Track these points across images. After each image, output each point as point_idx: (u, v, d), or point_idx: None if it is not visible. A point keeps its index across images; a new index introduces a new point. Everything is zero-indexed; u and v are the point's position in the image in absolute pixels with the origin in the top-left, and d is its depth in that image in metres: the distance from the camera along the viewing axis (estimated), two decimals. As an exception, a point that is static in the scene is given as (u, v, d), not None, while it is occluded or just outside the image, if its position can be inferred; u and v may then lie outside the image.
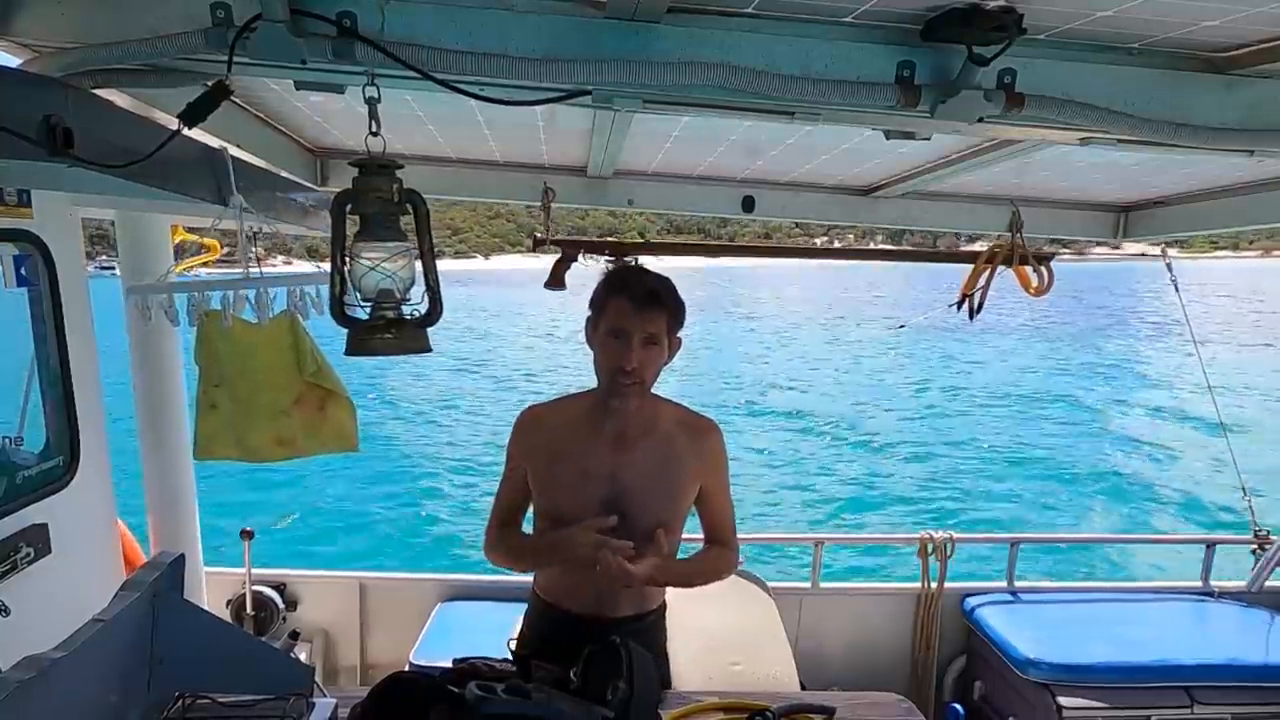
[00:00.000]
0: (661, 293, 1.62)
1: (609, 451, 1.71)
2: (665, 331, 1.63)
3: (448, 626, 3.03)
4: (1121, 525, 9.63)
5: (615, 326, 1.62)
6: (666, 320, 1.63)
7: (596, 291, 1.68)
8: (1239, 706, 2.75)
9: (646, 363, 1.62)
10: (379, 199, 1.36)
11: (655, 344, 1.62)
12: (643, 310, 1.60)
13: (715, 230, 29.22)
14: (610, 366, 1.63)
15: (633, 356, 1.60)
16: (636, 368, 1.60)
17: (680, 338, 1.71)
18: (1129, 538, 8.75)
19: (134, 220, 2.64)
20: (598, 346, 1.67)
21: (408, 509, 10.03)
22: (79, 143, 1.17)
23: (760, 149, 2.27)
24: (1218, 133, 1.37)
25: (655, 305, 1.61)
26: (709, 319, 30.67)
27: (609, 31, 1.22)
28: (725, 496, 1.84)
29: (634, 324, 1.60)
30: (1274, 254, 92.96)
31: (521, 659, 1.55)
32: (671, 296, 1.64)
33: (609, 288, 1.65)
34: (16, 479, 2.02)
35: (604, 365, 1.66)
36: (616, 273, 1.69)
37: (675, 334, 1.68)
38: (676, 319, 1.65)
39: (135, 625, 1.34)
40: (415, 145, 2.48)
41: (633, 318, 1.60)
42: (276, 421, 2.04)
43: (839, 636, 3.36)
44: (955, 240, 3.68)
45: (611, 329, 1.62)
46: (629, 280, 1.64)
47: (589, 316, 1.71)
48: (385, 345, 1.38)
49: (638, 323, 1.60)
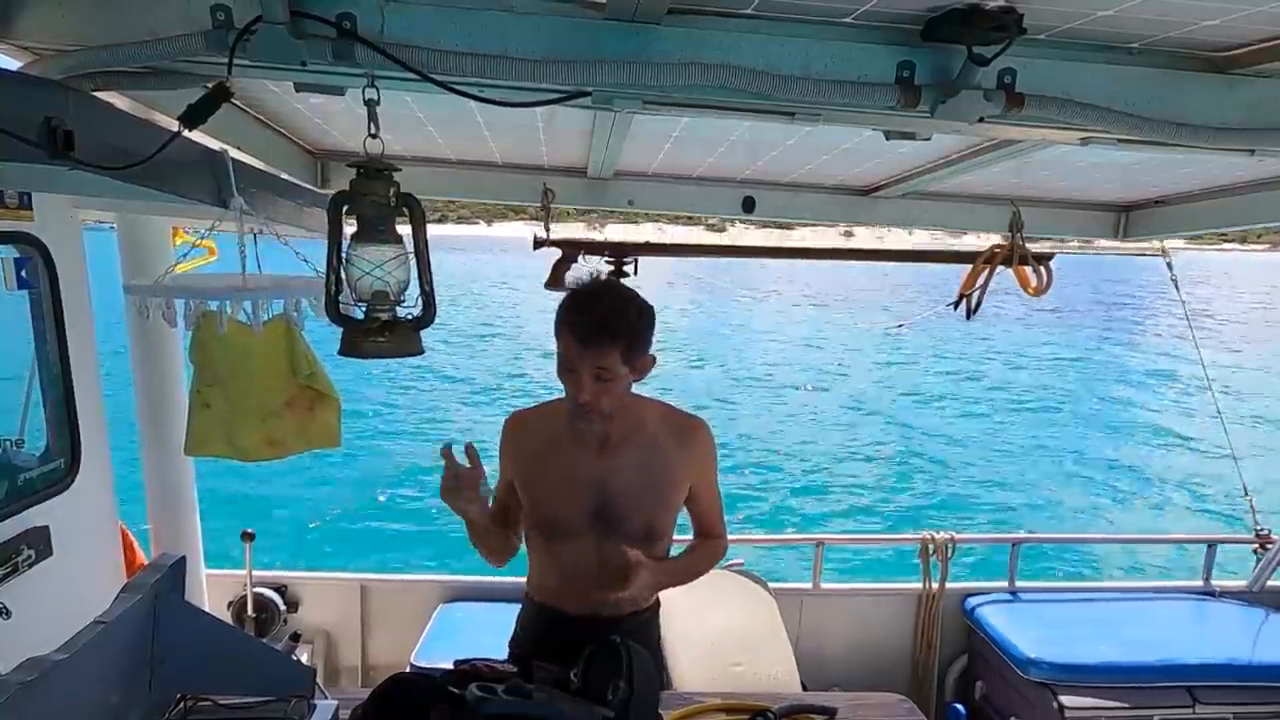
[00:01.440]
0: (611, 324, 1.54)
1: (595, 457, 1.71)
2: (618, 363, 1.55)
3: (449, 628, 3.03)
4: (1121, 525, 9.64)
5: (565, 360, 1.58)
6: (619, 352, 1.54)
7: (556, 315, 1.60)
8: (1240, 706, 2.75)
9: (600, 394, 1.57)
10: (375, 201, 1.37)
11: (605, 378, 1.56)
12: (589, 347, 1.53)
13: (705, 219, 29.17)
14: (569, 395, 1.61)
15: (584, 391, 1.56)
16: (590, 400, 1.57)
17: (653, 356, 1.65)
18: (1129, 538, 8.76)
19: (134, 222, 2.64)
20: (558, 373, 1.63)
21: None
22: (79, 145, 1.17)
23: (760, 149, 2.27)
24: (1218, 132, 1.37)
25: (601, 342, 1.53)
26: (705, 317, 30.69)
27: (609, 32, 1.22)
28: (714, 491, 1.84)
29: (581, 361, 1.55)
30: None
31: (522, 659, 1.55)
32: (624, 329, 1.55)
33: (559, 318, 1.59)
34: (17, 481, 2.02)
35: (566, 392, 1.63)
36: (570, 300, 1.59)
37: (637, 359, 1.60)
38: (632, 347, 1.57)
39: (136, 627, 1.34)
40: (415, 147, 2.48)
41: (580, 354, 1.55)
42: (268, 423, 2.05)
43: (840, 637, 3.36)
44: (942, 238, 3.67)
45: (563, 362, 1.59)
46: (576, 314, 1.56)
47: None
48: (378, 348, 1.39)
49: (585, 359, 1.54)
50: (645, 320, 1.60)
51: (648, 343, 1.62)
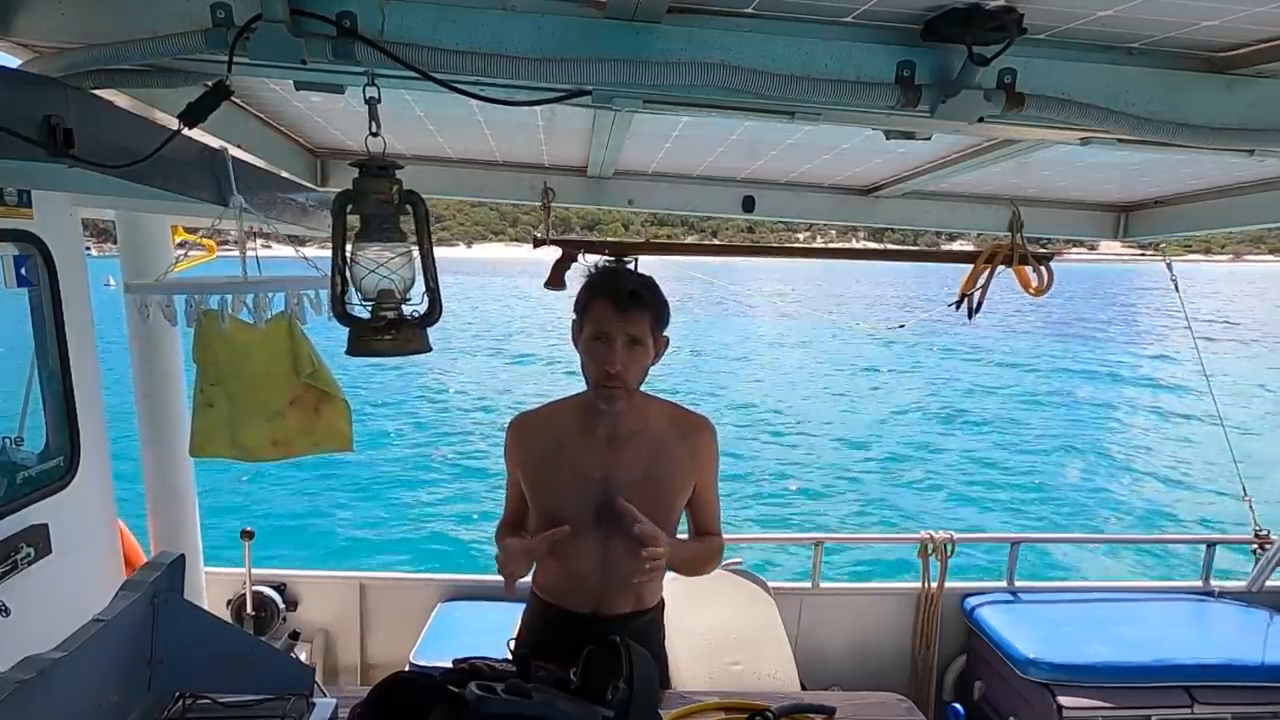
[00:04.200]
0: (642, 293, 1.61)
1: (601, 454, 1.71)
2: (648, 332, 1.63)
3: (448, 626, 3.03)
4: (1122, 525, 9.64)
5: (598, 329, 1.62)
6: (649, 320, 1.62)
7: (580, 294, 1.68)
8: (1239, 706, 2.75)
9: (630, 364, 1.61)
10: (379, 200, 1.37)
11: (638, 345, 1.62)
12: (624, 312, 1.59)
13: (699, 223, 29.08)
14: (595, 369, 1.63)
15: (615, 358, 1.59)
16: (620, 370, 1.60)
17: (667, 336, 1.71)
18: (1129, 538, 8.75)
19: (134, 220, 2.64)
20: (583, 349, 1.67)
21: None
22: (79, 143, 1.17)
23: (760, 149, 2.27)
24: (1218, 133, 1.37)
25: (636, 306, 1.60)
26: (703, 315, 30.71)
27: (609, 31, 1.22)
28: (714, 492, 1.85)
29: (616, 326, 1.60)
30: (1245, 259, 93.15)
31: (521, 659, 1.55)
32: (654, 296, 1.64)
33: (591, 290, 1.65)
34: (17, 479, 2.02)
35: (590, 368, 1.66)
36: (598, 274, 1.68)
37: (660, 333, 1.67)
38: (659, 318, 1.65)
39: (135, 625, 1.34)
40: (415, 145, 2.48)
41: (614, 320, 1.60)
42: (271, 422, 2.05)
43: (839, 636, 3.37)
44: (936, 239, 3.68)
45: (594, 332, 1.62)
46: (610, 282, 1.64)
47: (574, 319, 1.71)
48: (386, 346, 1.39)
49: (620, 324, 1.60)
50: (663, 298, 1.67)
51: (668, 319, 1.69)
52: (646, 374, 1.70)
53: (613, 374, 1.60)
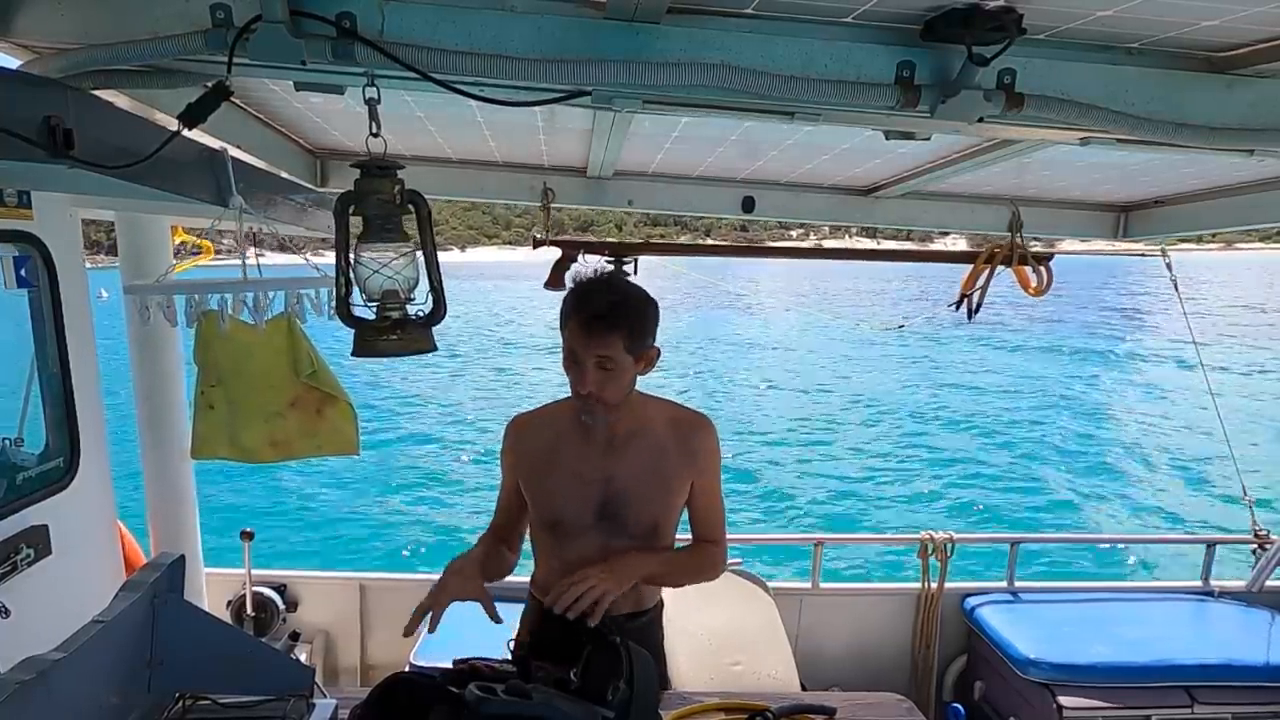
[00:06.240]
0: (610, 315, 1.54)
1: (601, 455, 1.71)
2: (621, 351, 1.56)
3: (448, 627, 3.01)
4: (1121, 525, 9.64)
5: (569, 349, 1.59)
6: (621, 340, 1.55)
7: (561, 307, 1.62)
8: (1239, 706, 2.75)
9: (604, 383, 1.57)
10: (381, 200, 1.37)
11: (608, 367, 1.56)
12: (593, 335, 1.54)
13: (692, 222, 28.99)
14: (571, 387, 1.62)
15: (586, 381, 1.56)
16: (593, 390, 1.57)
17: (657, 347, 1.65)
18: (1129, 538, 8.76)
19: (133, 221, 2.64)
20: (562, 365, 1.64)
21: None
22: (79, 143, 1.17)
23: (760, 149, 2.27)
24: (1218, 133, 1.37)
25: (606, 329, 1.54)
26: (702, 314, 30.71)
27: (609, 32, 1.22)
28: (716, 493, 1.82)
29: (584, 349, 1.56)
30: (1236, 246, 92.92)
31: (521, 659, 1.55)
32: (625, 316, 1.56)
33: (565, 308, 1.60)
34: (17, 480, 2.02)
35: (570, 384, 1.63)
36: (574, 292, 1.61)
37: (640, 349, 1.60)
38: (634, 336, 1.57)
39: (135, 626, 1.34)
40: (415, 146, 2.48)
41: (583, 342, 1.55)
42: (271, 423, 2.05)
43: (839, 637, 3.36)
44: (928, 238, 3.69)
45: (567, 351, 1.60)
46: (581, 303, 1.57)
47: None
48: (392, 346, 1.39)
49: (589, 347, 1.55)
50: (648, 310, 1.61)
51: (651, 333, 1.63)
52: (634, 384, 1.67)
53: (583, 395, 1.58)
